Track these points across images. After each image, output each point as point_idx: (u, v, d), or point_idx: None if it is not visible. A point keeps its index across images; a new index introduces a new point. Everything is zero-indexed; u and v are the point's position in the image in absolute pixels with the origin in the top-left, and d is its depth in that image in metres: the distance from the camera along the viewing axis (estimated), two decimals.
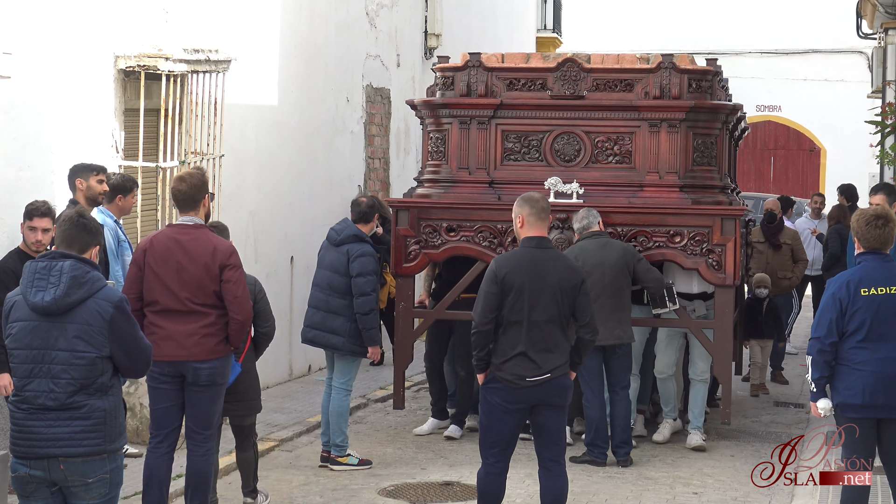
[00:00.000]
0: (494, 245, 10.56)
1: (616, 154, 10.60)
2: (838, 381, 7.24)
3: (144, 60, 10.01)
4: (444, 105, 10.84)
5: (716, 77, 10.74)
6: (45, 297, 5.81)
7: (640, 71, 10.56)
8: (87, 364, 5.82)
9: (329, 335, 9.82)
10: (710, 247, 10.27)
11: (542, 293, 7.32)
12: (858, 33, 23.81)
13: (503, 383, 7.35)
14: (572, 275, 7.44)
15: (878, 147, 13.86)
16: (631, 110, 10.53)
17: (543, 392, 7.35)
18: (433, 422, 11.19)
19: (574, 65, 10.62)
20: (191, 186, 7.63)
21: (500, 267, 7.37)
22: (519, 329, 7.31)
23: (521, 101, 10.71)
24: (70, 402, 5.81)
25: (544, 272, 7.35)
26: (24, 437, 5.86)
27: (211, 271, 7.50)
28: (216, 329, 7.54)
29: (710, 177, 10.61)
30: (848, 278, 7.25)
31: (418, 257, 10.72)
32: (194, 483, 7.67)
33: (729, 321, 10.48)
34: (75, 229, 6.02)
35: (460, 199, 10.71)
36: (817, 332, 7.27)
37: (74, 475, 5.83)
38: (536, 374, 7.31)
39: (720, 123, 10.72)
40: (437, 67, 11.11)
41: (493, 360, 7.38)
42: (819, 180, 33.30)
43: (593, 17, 33.61)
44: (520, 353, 7.30)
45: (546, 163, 10.68)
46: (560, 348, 7.38)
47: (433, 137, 10.99)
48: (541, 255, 7.41)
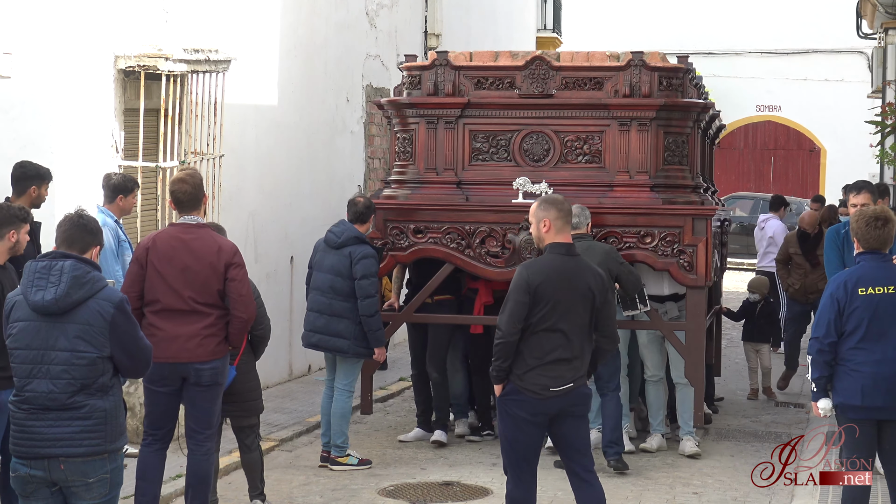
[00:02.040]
0: (462, 247, 10.40)
1: (586, 153, 10.42)
2: (837, 382, 7.24)
3: (144, 60, 10.01)
4: (410, 104, 10.63)
5: (687, 74, 10.57)
6: (46, 297, 5.81)
7: (609, 69, 10.36)
8: (88, 364, 5.83)
9: (334, 338, 9.77)
10: (681, 247, 10.15)
11: (572, 303, 7.07)
12: (858, 33, 23.83)
13: (525, 394, 7.06)
14: (600, 283, 7.20)
15: (878, 147, 13.87)
16: (600, 109, 10.33)
17: (565, 402, 7.10)
18: (418, 432, 10.93)
19: (542, 63, 10.41)
20: (194, 186, 7.67)
21: (531, 276, 7.06)
22: (544, 339, 7.04)
23: (489, 101, 10.50)
24: (70, 403, 5.81)
25: (575, 281, 7.10)
26: (25, 437, 5.86)
27: (216, 270, 7.52)
28: (217, 329, 7.56)
29: (682, 176, 10.44)
30: (845, 278, 7.25)
31: (385, 259, 10.49)
32: (195, 483, 7.69)
33: (701, 323, 10.33)
34: (76, 229, 6.02)
35: (428, 201, 10.52)
36: (816, 332, 7.29)
37: (75, 475, 5.83)
38: (560, 384, 7.05)
39: (692, 122, 10.55)
40: (404, 66, 10.92)
41: (514, 370, 7.09)
42: (819, 180, 33.32)
43: (593, 17, 33.63)
44: (544, 363, 7.03)
45: (515, 163, 10.48)
46: (584, 358, 7.16)
47: (400, 137, 10.81)
48: (571, 263, 7.15)
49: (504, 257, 10.34)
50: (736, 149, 34.11)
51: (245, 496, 8.61)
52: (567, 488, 9.26)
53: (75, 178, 9.47)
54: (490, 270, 10.41)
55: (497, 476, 9.71)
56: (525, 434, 7.12)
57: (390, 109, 10.90)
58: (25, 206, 7.76)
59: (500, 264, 10.35)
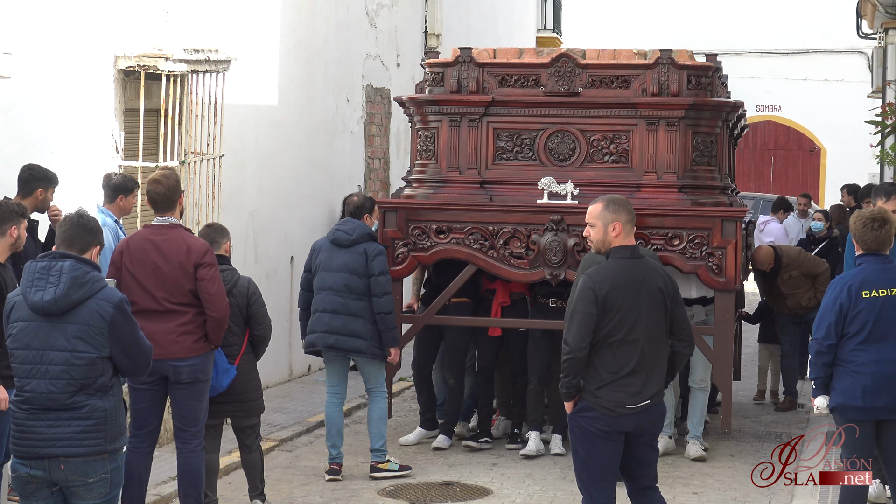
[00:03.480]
0: (486, 248, 10.21)
1: (612, 153, 10.24)
2: (838, 383, 7.25)
3: (144, 60, 10.00)
4: (433, 102, 10.47)
5: (716, 73, 10.44)
6: (45, 297, 5.82)
7: (637, 67, 10.20)
8: (87, 364, 5.83)
9: (352, 339, 9.49)
10: (709, 250, 9.93)
11: (643, 309, 6.63)
12: (858, 33, 23.81)
13: (599, 411, 6.62)
14: (669, 284, 6.78)
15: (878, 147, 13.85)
16: (628, 108, 10.16)
17: (641, 420, 6.68)
18: (420, 431, 10.78)
19: (569, 60, 10.24)
20: (168, 188, 7.81)
21: (598, 285, 6.61)
22: (618, 350, 6.61)
23: (513, 98, 10.33)
24: (70, 403, 5.82)
25: (643, 286, 6.67)
26: (25, 437, 5.87)
27: (186, 270, 7.63)
28: (193, 327, 7.64)
29: (711, 177, 10.28)
30: (850, 282, 7.25)
31: (406, 260, 10.34)
32: (186, 480, 7.77)
33: (730, 327, 10.16)
34: (76, 229, 6.03)
35: (450, 200, 10.34)
36: (816, 333, 7.31)
37: (75, 475, 5.84)
38: (637, 400, 6.62)
39: (721, 121, 10.38)
40: (427, 63, 10.75)
41: (586, 386, 6.64)
42: (819, 180, 33.30)
43: (593, 17, 33.60)
44: (620, 376, 6.61)
45: (539, 162, 10.32)
46: (661, 369, 6.73)
47: (422, 136, 10.62)
48: (636, 266, 6.72)
49: (528, 259, 10.16)
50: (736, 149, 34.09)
51: (245, 496, 8.61)
52: (567, 488, 9.28)
53: (75, 178, 9.46)
54: (513, 272, 10.22)
55: (497, 476, 9.71)
56: (600, 451, 6.69)
57: (412, 107, 10.72)
58: (23, 203, 7.79)
59: (525, 266, 10.17)
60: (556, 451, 10.30)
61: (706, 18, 33.24)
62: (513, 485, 9.49)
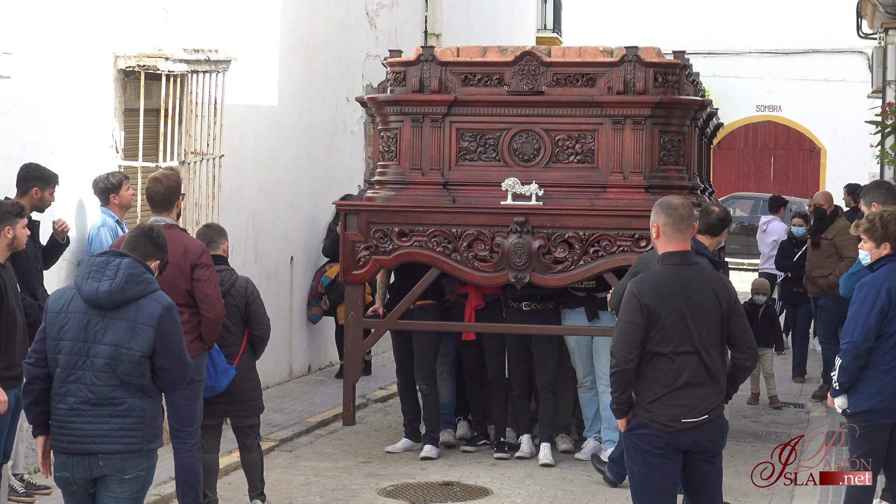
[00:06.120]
0: (449, 250, 9.97)
1: (577, 153, 9.98)
2: (866, 387, 7.17)
3: (144, 60, 10.00)
4: (394, 102, 10.18)
5: (683, 71, 10.12)
6: (101, 288, 5.87)
7: (602, 65, 9.94)
8: (130, 361, 5.86)
9: None
10: None
11: (694, 318, 6.24)
12: (858, 33, 23.83)
13: (653, 428, 6.23)
14: (725, 292, 6.36)
15: (878, 147, 13.86)
16: (593, 106, 9.90)
17: (699, 436, 6.26)
18: (406, 442, 10.47)
19: (532, 58, 9.97)
20: (167, 188, 7.84)
21: (642, 293, 6.24)
22: (669, 362, 6.22)
23: (476, 98, 10.06)
24: (111, 398, 5.86)
25: (695, 293, 6.27)
26: (65, 433, 5.93)
27: (182, 271, 7.65)
28: (189, 327, 7.64)
29: (679, 177, 10.02)
30: (887, 284, 7.16)
31: (368, 264, 10.08)
32: (184, 480, 7.80)
33: None
34: (142, 238, 6.18)
35: (413, 202, 10.07)
36: (852, 337, 7.18)
37: (113, 470, 5.91)
38: (693, 415, 6.22)
39: (689, 120, 10.12)
40: (389, 62, 10.42)
41: (639, 401, 6.27)
42: (819, 180, 33.30)
43: (593, 17, 33.62)
44: (673, 389, 6.21)
45: (504, 162, 10.05)
46: (718, 381, 6.30)
47: (384, 136, 10.33)
48: (686, 273, 6.32)
49: (492, 261, 9.94)
50: (736, 149, 34.12)
51: (245, 496, 8.61)
52: (567, 488, 9.29)
53: (75, 178, 9.46)
54: (477, 275, 9.98)
55: (497, 476, 9.71)
56: (657, 470, 6.27)
57: (372, 107, 10.50)
58: (20, 202, 7.79)
59: (489, 269, 9.92)
60: (545, 462, 10.02)
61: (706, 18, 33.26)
62: (513, 485, 9.49)
